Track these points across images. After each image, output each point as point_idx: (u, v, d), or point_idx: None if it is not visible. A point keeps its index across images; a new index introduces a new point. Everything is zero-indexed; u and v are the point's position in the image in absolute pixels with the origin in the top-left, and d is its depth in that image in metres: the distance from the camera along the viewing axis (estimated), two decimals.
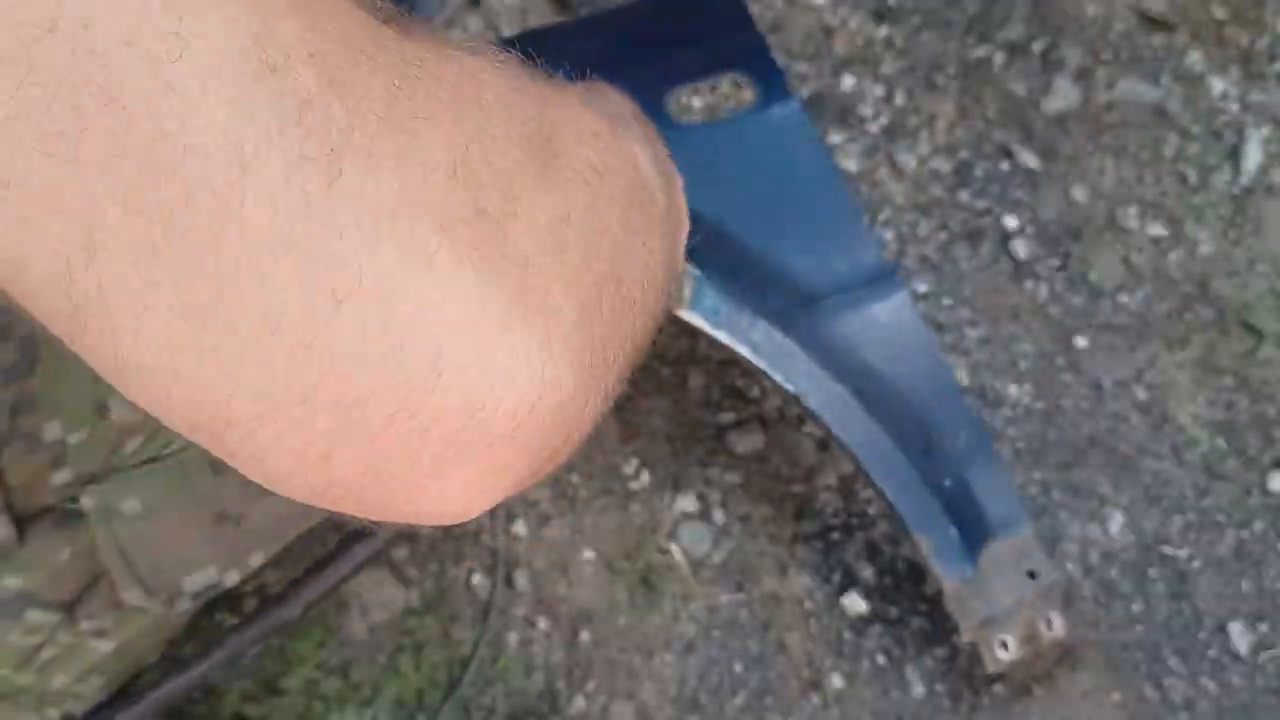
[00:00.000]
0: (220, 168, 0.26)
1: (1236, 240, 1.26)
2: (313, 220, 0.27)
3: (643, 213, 0.40)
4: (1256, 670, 1.06)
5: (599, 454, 1.07)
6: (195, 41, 0.26)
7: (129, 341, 0.28)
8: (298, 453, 0.30)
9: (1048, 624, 0.96)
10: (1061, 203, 1.25)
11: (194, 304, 0.27)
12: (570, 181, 0.34)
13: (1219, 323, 1.21)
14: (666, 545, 1.05)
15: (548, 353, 0.31)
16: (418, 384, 0.29)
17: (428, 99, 0.30)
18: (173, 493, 0.67)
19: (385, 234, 0.28)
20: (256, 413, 0.29)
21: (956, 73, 1.30)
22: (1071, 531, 1.09)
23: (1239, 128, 1.31)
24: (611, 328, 0.35)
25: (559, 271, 0.32)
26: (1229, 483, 1.13)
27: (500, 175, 0.31)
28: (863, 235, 0.97)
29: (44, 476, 0.63)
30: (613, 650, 1.00)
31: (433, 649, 0.98)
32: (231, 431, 0.29)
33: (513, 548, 1.03)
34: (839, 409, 0.93)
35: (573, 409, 0.33)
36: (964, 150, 1.26)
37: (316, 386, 0.29)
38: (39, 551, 0.65)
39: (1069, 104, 1.30)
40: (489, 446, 0.31)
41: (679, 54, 1.00)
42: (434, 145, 0.30)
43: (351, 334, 0.28)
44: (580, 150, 0.36)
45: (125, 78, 0.26)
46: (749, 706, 1.00)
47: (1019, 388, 1.15)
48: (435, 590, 1.01)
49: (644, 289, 0.38)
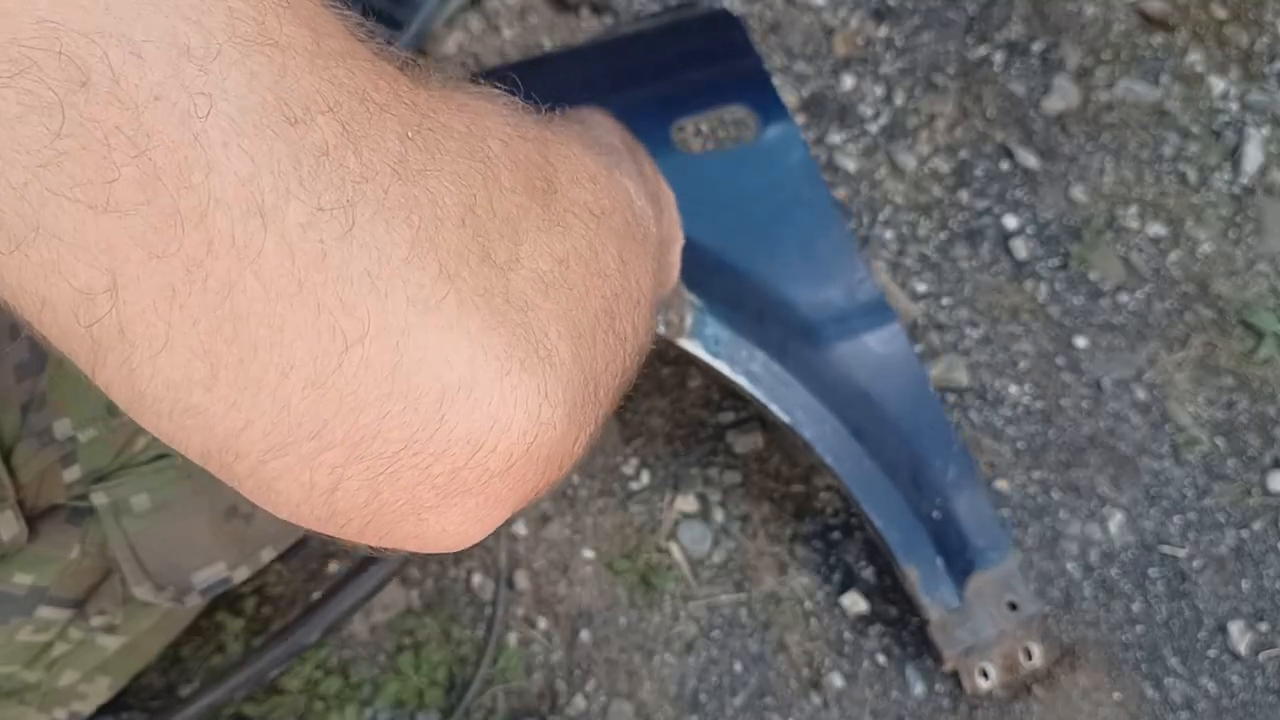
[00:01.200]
0: (241, 217, 0.28)
1: (1236, 240, 1.26)
2: (327, 268, 0.29)
3: (636, 249, 0.42)
4: (1256, 670, 1.06)
5: (599, 454, 1.08)
6: (220, 97, 0.27)
7: (146, 376, 0.29)
8: (305, 485, 0.31)
9: (1027, 654, 0.99)
10: (1061, 203, 1.25)
11: (211, 344, 0.28)
12: (570, 225, 0.36)
13: (1219, 322, 1.21)
14: (666, 545, 1.05)
15: (544, 395, 0.32)
16: (422, 425, 0.30)
17: (439, 150, 0.32)
18: (183, 489, 0.67)
19: (396, 282, 0.30)
20: (267, 447, 0.30)
21: (956, 73, 1.30)
22: (1071, 530, 1.09)
23: (1239, 127, 1.31)
24: (604, 363, 0.37)
25: (557, 312, 0.34)
26: (1229, 482, 1.13)
27: (505, 222, 0.33)
28: (858, 266, 0.99)
29: (55, 474, 0.64)
30: (613, 650, 1.00)
31: (433, 649, 0.98)
32: (241, 463, 0.31)
33: (513, 548, 1.03)
34: (832, 439, 0.95)
35: (564, 445, 0.34)
36: (964, 150, 1.26)
37: (326, 424, 0.30)
38: (50, 548, 0.65)
39: (1069, 104, 1.30)
40: (486, 482, 0.33)
41: (683, 84, 1.02)
42: (444, 195, 0.31)
43: (360, 376, 0.30)
44: (579, 194, 0.38)
45: (154, 130, 0.27)
46: (749, 706, 1.00)
47: (1019, 387, 1.15)
48: (435, 591, 1.01)
49: (635, 324, 0.40)
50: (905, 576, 0.96)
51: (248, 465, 0.31)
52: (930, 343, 1.16)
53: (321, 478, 0.31)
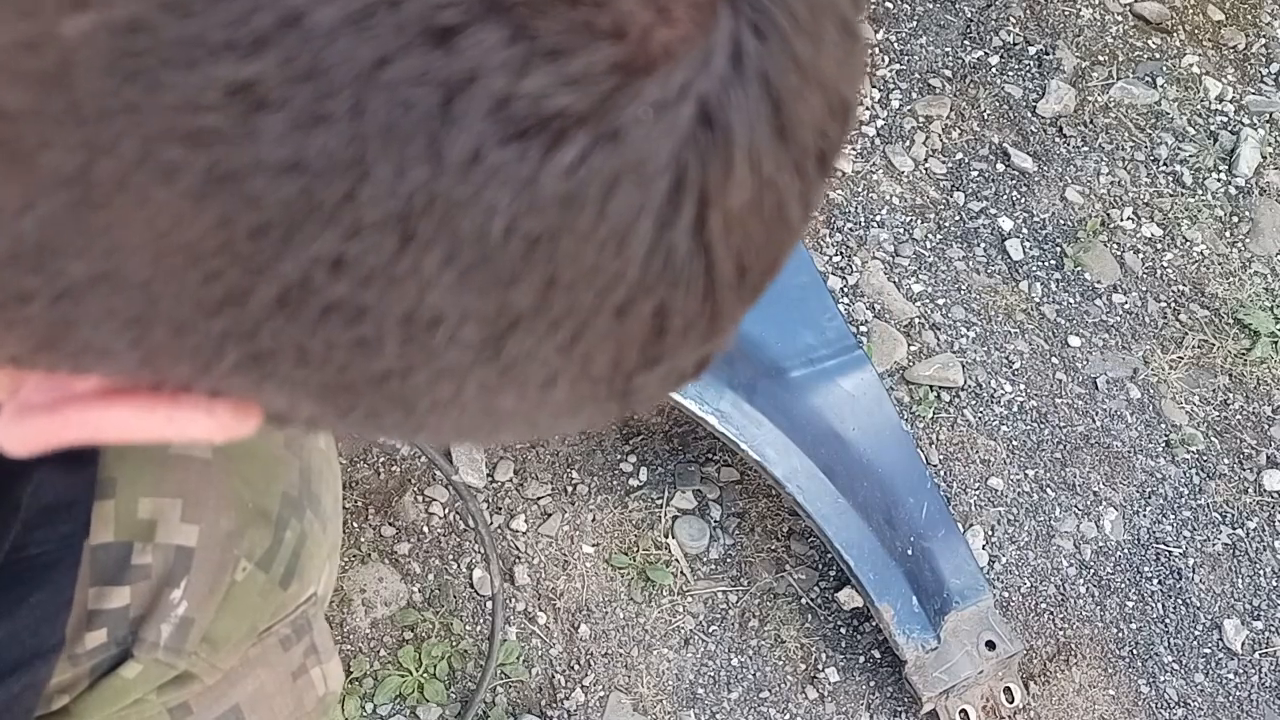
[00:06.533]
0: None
1: (1231, 241, 1.27)
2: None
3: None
4: (1251, 667, 1.07)
5: (598, 451, 1.09)
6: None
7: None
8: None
9: (1008, 695, 0.99)
10: (1056, 204, 1.26)
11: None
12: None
13: (1214, 322, 1.22)
14: (664, 541, 1.06)
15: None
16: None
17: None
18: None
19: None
20: None
21: (952, 76, 1.32)
22: (1066, 528, 1.10)
23: (1235, 129, 1.32)
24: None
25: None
26: (1223, 481, 1.14)
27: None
28: (830, 309, 1.00)
29: None
30: (611, 644, 1.02)
31: (434, 643, 0.99)
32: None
33: (513, 543, 1.05)
34: (803, 478, 0.96)
35: None
36: (960, 152, 1.28)
37: None
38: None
39: (1064, 106, 1.31)
40: None
41: None
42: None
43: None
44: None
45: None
46: (745, 700, 1.01)
47: (1014, 386, 1.16)
48: (436, 586, 1.02)
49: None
50: (880, 615, 0.96)
51: None
52: (926, 342, 1.17)
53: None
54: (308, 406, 0.24)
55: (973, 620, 0.98)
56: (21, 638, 0.44)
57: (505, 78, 0.19)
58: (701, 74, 0.20)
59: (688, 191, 0.21)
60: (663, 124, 0.20)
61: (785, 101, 0.21)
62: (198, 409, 0.24)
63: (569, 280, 0.21)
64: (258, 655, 0.54)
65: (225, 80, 0.19)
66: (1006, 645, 0.98)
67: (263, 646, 0.54)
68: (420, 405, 0.24)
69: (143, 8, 0.18)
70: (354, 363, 0.22)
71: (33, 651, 0.45)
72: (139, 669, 0.50)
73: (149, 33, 0.19)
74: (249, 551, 0.52)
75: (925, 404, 1.13)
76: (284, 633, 0.55)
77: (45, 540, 0.44)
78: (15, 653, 0.44)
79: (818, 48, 0.22)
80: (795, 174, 0.22)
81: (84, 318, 0.22)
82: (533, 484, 1.07)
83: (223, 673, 0.52)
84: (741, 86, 0.21)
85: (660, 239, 0.21)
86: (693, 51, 0.20)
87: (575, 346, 0.23)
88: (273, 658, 0.55)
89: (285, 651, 0.55)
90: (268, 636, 0.54)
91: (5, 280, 0.21)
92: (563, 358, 0.23)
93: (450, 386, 0.23)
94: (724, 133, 0.21)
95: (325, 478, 0.57)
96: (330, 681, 0.58)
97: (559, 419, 0.26)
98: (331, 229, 0.20)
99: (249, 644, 0.53)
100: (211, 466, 0.52)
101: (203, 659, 0.51)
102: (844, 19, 0.22)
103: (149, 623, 0.50)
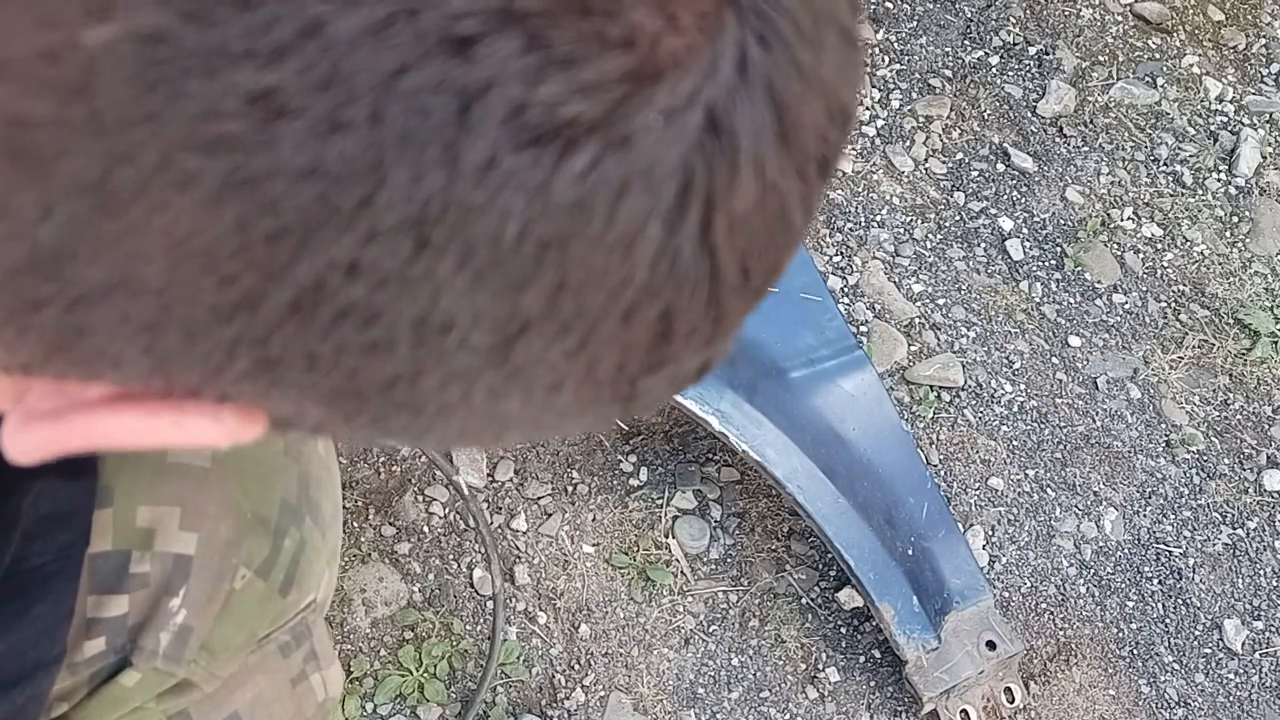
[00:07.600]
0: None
1: (1232, 241, 1.27)
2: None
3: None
4: (1251, 667, 1.07)
5: (599, 451, 1.09)
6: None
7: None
8: None
9: (1009, 695, 0.99)
10: (1057, 204, 1.26)
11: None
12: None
13: (1214, 322, 1.22)
14: (665, 541, 1.06)
15: None
16: None
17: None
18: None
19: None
20: None
21: (952, 76, 1.32)
22: (1066, 528, 1.10)
23: (1235, 129, 1.32)
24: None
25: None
26: (1223, 481, 1.14)
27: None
28: (830, 310, 1.00)
29: None
30: (611, 644, 1.02)
31: (434, 643, 0.99)
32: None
33: (514, 543, 1.05)
34: (804, 478, 0.96)
35: None
36: (960, 152, 1.28)
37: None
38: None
39: (1064, 106, 1.31)
40: None
41: None
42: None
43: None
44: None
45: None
46: (745, 699, 1.01)
47: (1014, 386, 1.16)
48: (436, 585, 1.02)
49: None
50: (880, 615, 0.96)
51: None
52: (926, 342, 1.17)
53: None
54: (315, 411, 0.24)
55: (973, 620, 0.98)
56: (24, 650, 0.44)
57: (520, 86, 0.20)
58: (709, 82, 0.21)
59: (694, 196, 0.21)
60: (671, 131, 0.21)
61: (788, 108, 0.22)
62: (204, 415, 0.24)
63: (578, 284, 0.22)
64: (257, 662, 0.54)
65: (246, 88, 0.19)
66: (1007, 645, 0.98)
67: (262, 653, 0.54)
68: (427, 409, 0.24)
69: (165, 18, 0.19)
70: (364, 367, 0.22)
71: (35, 663, 0.44)
72: (138, 677, 0.50)
73: (171, 43, 0.19)
74: (248, 559, 0.52)
75: (925, 404, 1.13)
76: (283, 639, 0.55)
77: (45, 551, 0.44)
78: (18, 665, 0.44)
79: (819, 56, 0.22)
80: (797, 178, 0.23)
81: (97, 324, 0.22)
82: (533, 484, 1.07)
83: (222, 680, 0.52)
84: (747, 94, 0.21)
85: (667, 243, 0.22)
86: (700, 60, 0.21)
87: (582, 351, 0.23)
88: (272, 665, 0.55)
89: (285, 658, 0.55)
90: (267, 643, 0.54)
91: (20, 287, 0.21)
92: (570, 362, 0.23)
93: (458, 390, 0.23)
94: (730, 139, 0.21)
95: (324, 484, 0.57)
96: (330, 687, 0.58)
97: (563, 422, 0.26)
98: (348, 234, 0.20)
99: (248, 651, 0.53)
100: (210, 474, 0.51)
101: (202, 667, 0.51)
102: (844, 27, 0.23)
103: (148, 631, 0.50)
